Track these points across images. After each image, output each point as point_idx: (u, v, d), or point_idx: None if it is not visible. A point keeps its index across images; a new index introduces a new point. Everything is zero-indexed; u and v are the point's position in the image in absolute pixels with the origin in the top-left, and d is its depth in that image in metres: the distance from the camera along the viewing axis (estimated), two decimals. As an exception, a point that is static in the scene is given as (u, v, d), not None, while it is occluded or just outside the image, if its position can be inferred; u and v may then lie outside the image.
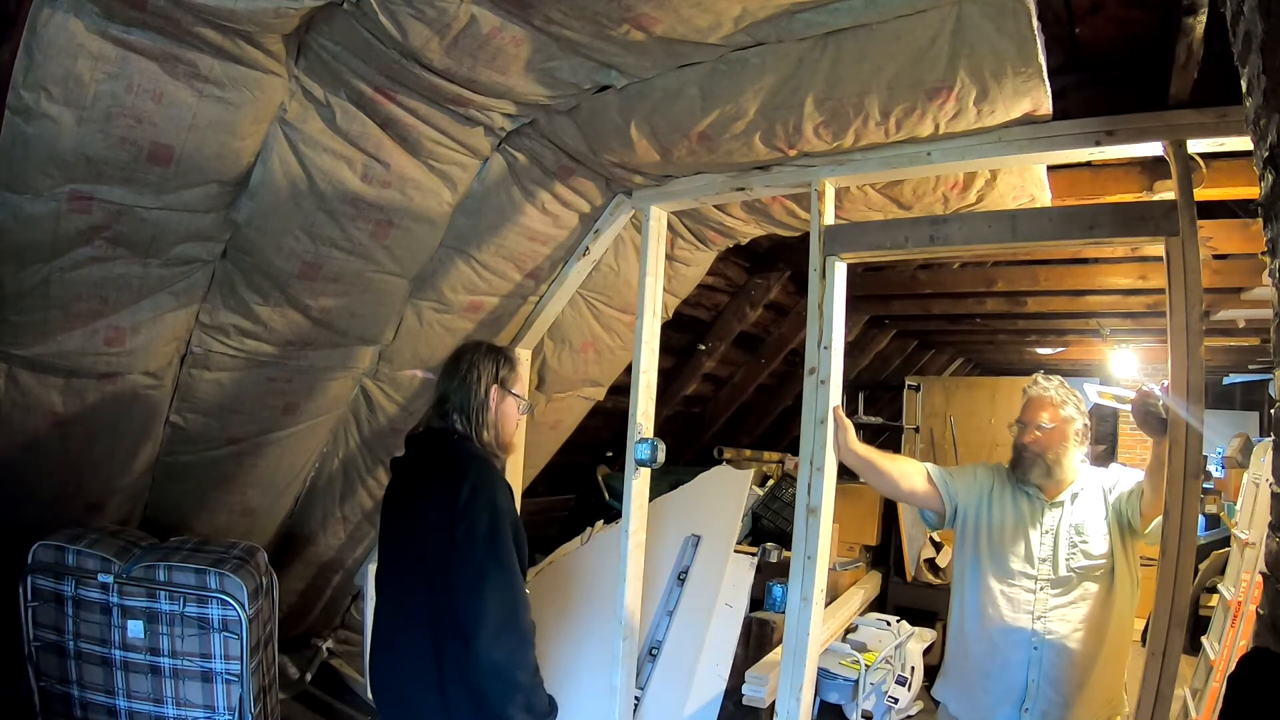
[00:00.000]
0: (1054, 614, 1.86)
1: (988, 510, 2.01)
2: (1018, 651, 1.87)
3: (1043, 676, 1.84)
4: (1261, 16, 0.86)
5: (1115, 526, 1.90)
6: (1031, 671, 1.85)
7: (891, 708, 3.38)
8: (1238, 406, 8.54)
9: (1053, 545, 1.91)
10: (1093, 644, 1.84)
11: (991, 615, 1.92)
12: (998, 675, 1.90)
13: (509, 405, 1.77)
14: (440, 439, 1.71)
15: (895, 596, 4.64)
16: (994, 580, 1.94)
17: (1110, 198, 2.34)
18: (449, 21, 1.61)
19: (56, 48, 1.44)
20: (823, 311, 2.08)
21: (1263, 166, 0.92)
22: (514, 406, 1.78)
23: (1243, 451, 4.33)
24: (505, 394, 1.75)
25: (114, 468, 2.31)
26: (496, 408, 1.73)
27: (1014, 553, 1.94)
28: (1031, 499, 1.99)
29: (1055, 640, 1.84)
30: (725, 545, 3.26)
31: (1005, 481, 2.05)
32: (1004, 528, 1.97)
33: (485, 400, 1.71)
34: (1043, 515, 1.95)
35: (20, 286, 1.76)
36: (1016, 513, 1.98)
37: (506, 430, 1.77)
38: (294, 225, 2.02)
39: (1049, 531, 1.93)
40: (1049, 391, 2.02)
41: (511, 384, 1.77)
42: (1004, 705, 1.88)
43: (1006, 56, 1.64)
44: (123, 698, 2.12)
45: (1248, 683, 0.84)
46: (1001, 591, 1.92)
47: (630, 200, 2.57)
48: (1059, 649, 1.84)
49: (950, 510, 2.04)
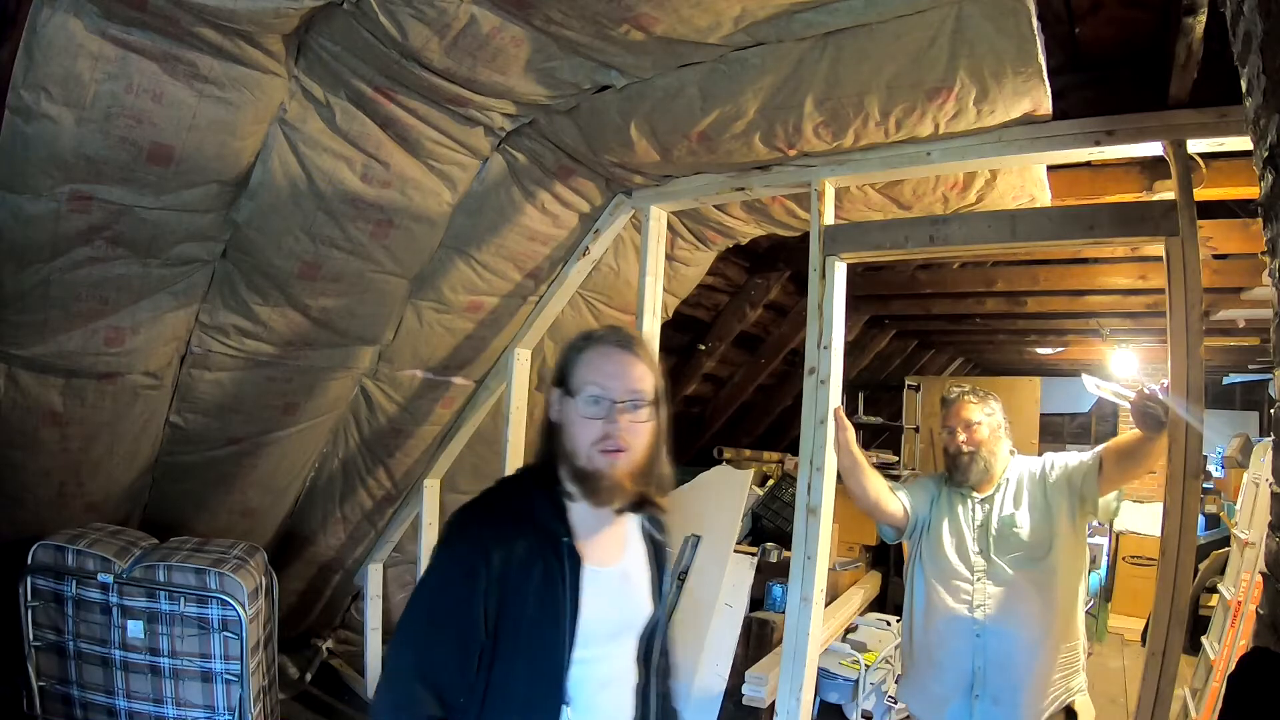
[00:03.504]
0: (992, 602, 1.92)
1: (933, 516, 2.10)
2: (961, 640, 1.94)
3: (988, 662, 1.90)
4: (1261, 16, 0.86)
5: (1063, 506, 1.96)
6: (977, 659, 1.91)
7: (891, 708, 3.38)
8: (1238, 406, 8.54)
9: (985, 538, 1.99)
10: (1036, 626, 1.89)
11: (935, 610, 2.00)
12: (947, 665, 1.96)
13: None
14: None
15: (895, 596, 4.63)
16: (935, 579, 2.02)
17: (1110, 198, 2.34)
18: (449, 21, 1.61)
19: (56, 48, 1.44)
20: (823, 311, 2.08)
21: (1263, 166, 0.92)
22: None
23: (1243, 451, 4.34)
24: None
25: (114, 468, 2.31)
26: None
27: (951, 550, 2.02)
28: (965, 497, 2.07)
29: (996, 626, 1.90)
30: (725, 545, 3.26)
31: (944, 487, 2.13)
32: (942, 529, 2.06)
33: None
34: (975, 511, 2.04)
35: (20, 286, 1.76)
36: (951, 514, 2.07)
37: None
38: (294, 225, 2.02)
39: (981, 525, 2.01)
40: (969, 394, 2.11)
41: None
42: (955, 694, 1.94)
43: (1006, 56, 1.64)
44: (122, 698, 2.12)
45: (1248, 683, 0.84)
46: (942, 587, 2.00)
47: (630, 200, 2.57)
48: (1001, 634, 1.90)
49: (910, 524, 2.12)
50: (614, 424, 1.09)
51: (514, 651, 1.06)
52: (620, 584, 1.17)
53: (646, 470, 1.14)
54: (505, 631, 1.06)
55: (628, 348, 1.14)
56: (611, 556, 1.18)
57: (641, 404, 1.12)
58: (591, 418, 1.09)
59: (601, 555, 1.16)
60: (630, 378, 1.11)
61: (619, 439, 1.09)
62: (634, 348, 1.15)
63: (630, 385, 1.11)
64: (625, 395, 1.11)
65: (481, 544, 1.08)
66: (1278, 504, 1.01)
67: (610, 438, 1.09)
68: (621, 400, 1.10)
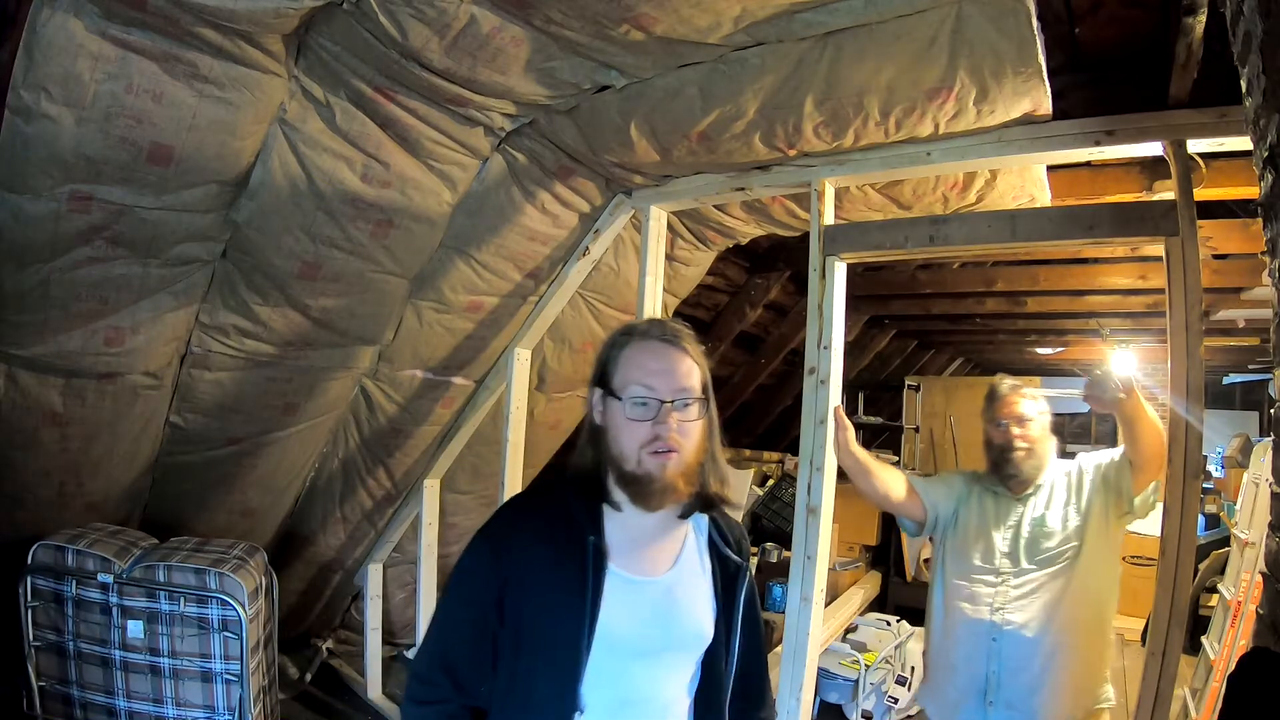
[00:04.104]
0: (1013, 605, 1.86)
1: (960, 515, 2.04)
2: (977, 644, 1.89)
3: (1003, 668, 1.85)
4: (1261, 16, 0.86)
5: (1098, 506, 1.89)
6: (992, 663, 1.86)
7: (891, 708, 3.38)
8: (1238, 406, 8.55)
9: (1014, 539, 1.93)
10: (1057, 633, 1.83)
11: (955, 613, 1.95)
12: (961, 669, 1.92)
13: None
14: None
15: (895, 596, 4.64)
16: (958, 579, 1.97)
17: (1110, 198, 2.34)
18: (449, 21, 1.61)
19: (56, 48, 1.44)
20: (823, 311, 2.08)
21: (1262, 166, 0.92)
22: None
23: (1243, 451, 4.34)
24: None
25: (114, 468, 2.31)
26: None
27: (976, 550, 1.96)
28: (997, 497, 2.00)
29: (1013, 631, 1.85)
30: (725, 545, 3.25)
31: (974, 485, 2.07)
32: (969, 529, 2.00)
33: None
34: (1008, 512, 1.97)
35: (20, 286, 1.76)
36: (981, 513, 2.00)
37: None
38: (294, 225, 2.02)
39: (1011, 526, 1.95)
40: (1020, 388, 2.03)
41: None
42: (968, 698, 1.90)
43: (1006, 56, 1.64)
44: (122, 698, 2.12)
45: (1248, 683, 0.84)
46: (965, 589, 1.94)
47: (630, 200, 2.57)
48: (1018, 640, 1.84)
49: (931, 519, 2.06)
50: (663, 425, 1.03)
51: (534, 649, 1.03)
52: (662, 598, 1.08)
53: (700, 469, 1.08)
54: (526, 627, 1.03)
55: (673, 342, 1.08)
56: (657, 567, 1.10)
57: (690, 401, 1.05)
58: (639, 420, 1.03)
59: (644, 565, 1.09)
60: (678, 374, 1.05)
61: (669, 440, 1.03)
62: (680, 341, 1.09)
63: (678, 383, 1.05)
64: (673, 394, 1.04)
65: (506, 536, 1.07)
66: (1278, 504, 1.01)
67: (660, 439, 1.02)
68: (670, 400, 1.04)
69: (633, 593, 1.06)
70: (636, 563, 1.08)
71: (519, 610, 1.03)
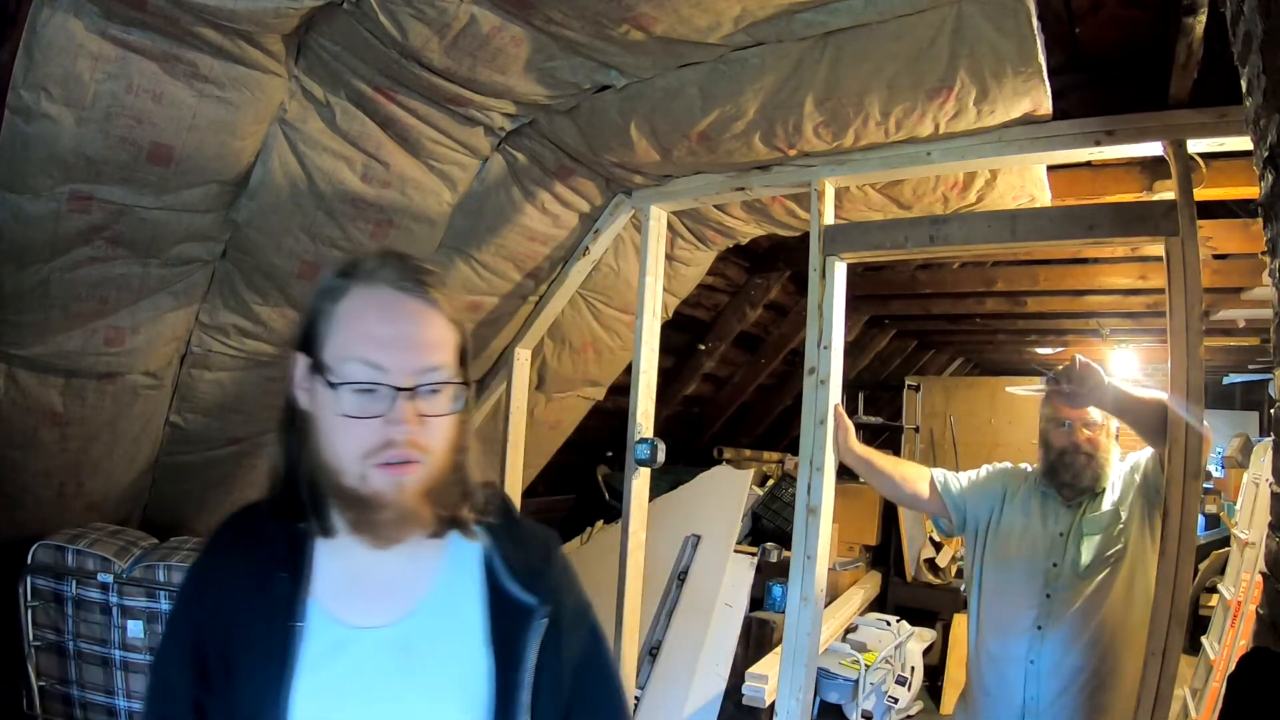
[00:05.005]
0: (1054, 622, 1.74)
1: (998, 517, 1.90)
2: (1014, 667, 1.77)
3: (1041, 693, 1.73)
4: (1261, 16, 0.86)
5: (1136, 511, 1.77)
6: (1029, 689, 1.75)
7: (891, 708, 3.39)
8: (1238, 406, 8.55)
9: (1063, 549, 1.79)
10: (1096, 658, 1.71)
11: (990, 628, 1.85)
12: (995, 694, 1.82)
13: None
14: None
15: (895, 596, 4.64)
16: (995, 591, 1.86)
17: (1110, 198, 2.33)
18: (449, 21, 1.61)
19: (56, 48, 1.44)
20: (822, 311, 2.08)
21: (1263, 166, 0.92)
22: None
23: (1243, 451, 4.34)
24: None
25: (114, 468, 2.31)
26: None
27: (1020, 559, 1.82)
28: (1045, 501, 1.86)
29: (1053, 655, 1.73)
30: (725, 545, 3.26)
31: (1022, 485, 1.92)
32: (1010, 534, 1.86)
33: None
34: (1057, 518, 1.83)
35: (20, 286, 1.76)
36: (1026, 517, 1.86)
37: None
38: (294, 225, 2.02)
39: (1062, 535, 1.80)
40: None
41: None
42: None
43: (1006, 56, 1.64)
44: (123, 698, 2.12)
45: (1248, 683, 0.84)
46: (1002, 600, 1.83)
47: (630, 200, 2.57)
48: (1055, 664, 1.73)
49: (959, 520, 1.96)
50: (399, 425, 0.69)
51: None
52: (393, 655, 0.73)
53: (452, 482, 0.75)
54: (231, 701, 0.72)
55: (414, 291, 0.73)
56: (388, 609, 0.75)
57: (439, 386, 0.72)
58: (362, 416, 0.69)
59: (367, 605, 0.75)
60: (422, 344, 0.72)
61: (407, 446, 0.70)
62: (425, 291, 0.75)
63: (423, 358, 0.71)
64: (415, 375, 0.70)
65: (205, 568, 0.82)
66: (1278, 504, 1.01)
67: (394, 446, 0.69)
68: (409, 386, 0.70)
69: (346, 649, 0.73)
70: (356, 603, 0.75)
71: (220, 673, 0.73)
